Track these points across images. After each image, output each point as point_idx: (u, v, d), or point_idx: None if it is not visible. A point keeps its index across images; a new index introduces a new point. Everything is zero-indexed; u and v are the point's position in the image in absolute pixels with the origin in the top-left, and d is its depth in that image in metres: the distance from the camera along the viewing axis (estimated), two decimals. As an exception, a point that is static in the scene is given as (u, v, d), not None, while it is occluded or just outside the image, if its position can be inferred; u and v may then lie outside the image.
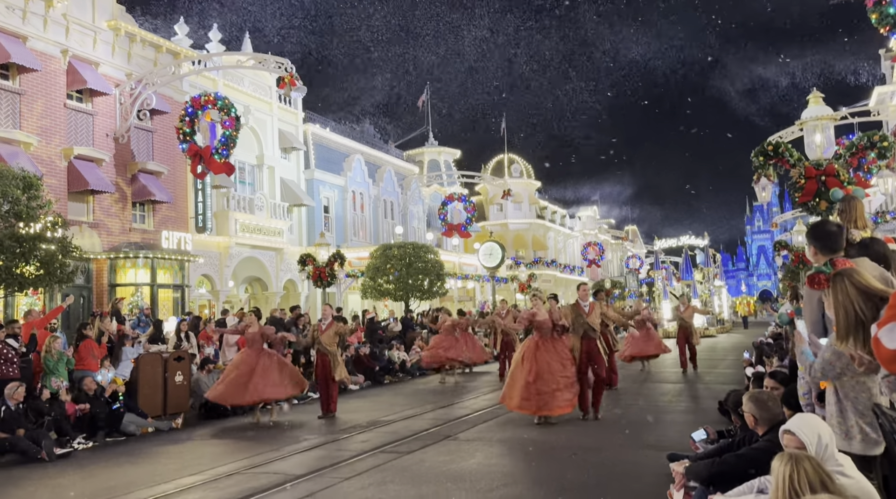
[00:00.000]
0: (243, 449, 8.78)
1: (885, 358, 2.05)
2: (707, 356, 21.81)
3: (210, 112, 16.95)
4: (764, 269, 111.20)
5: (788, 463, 2.69)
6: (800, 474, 2.65)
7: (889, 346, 1.99)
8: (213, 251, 21.44)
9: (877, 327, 2.09)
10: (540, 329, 9.55)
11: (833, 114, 10.72)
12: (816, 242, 4.09)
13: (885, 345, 2.01)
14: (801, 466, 2.67)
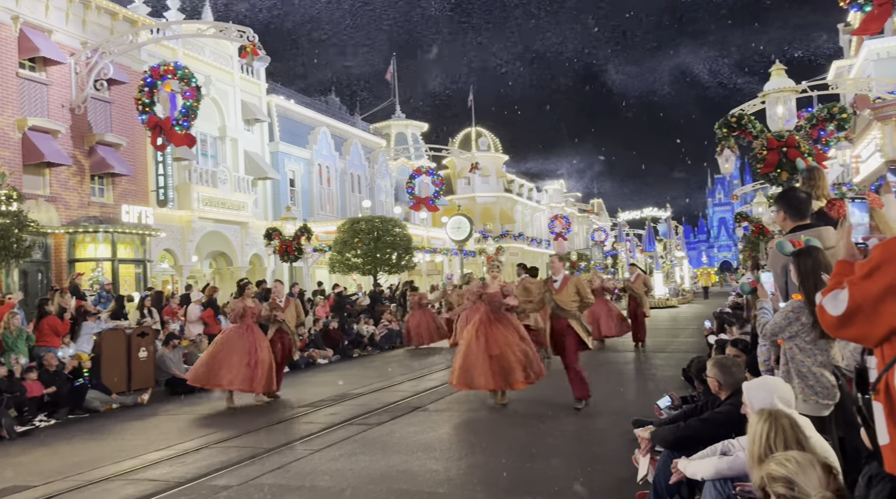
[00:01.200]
0: (211, 424, 8.72)
1: (828, 324, 2.11)
2: (669, 326, 22.27)
3: (170, 82, 16.49)
4: (724, 240, 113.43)
5: (767, 420, 2.75)
6: (776, 431, 2.71)
7: (832, 313, 2.05)
8: (175, 225, 21.04)
9: (821, 295, 2.15)
10: (490, 303, 8.87)
11: (795, 86, 10.89)
12: (787, 208, 4.19)
13: (828, 312, 2.07)
14: (779, 423, 2.73)
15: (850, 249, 2.18)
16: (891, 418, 1.95)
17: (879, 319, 1.94)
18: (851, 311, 1.98)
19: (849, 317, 1.99)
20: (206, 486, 5.85)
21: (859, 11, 11.09)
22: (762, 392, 3.16)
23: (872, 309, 1.94)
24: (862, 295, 1.96)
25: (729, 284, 43.70)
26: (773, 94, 9.96)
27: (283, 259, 20.78)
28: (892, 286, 1.90)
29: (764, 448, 2.70)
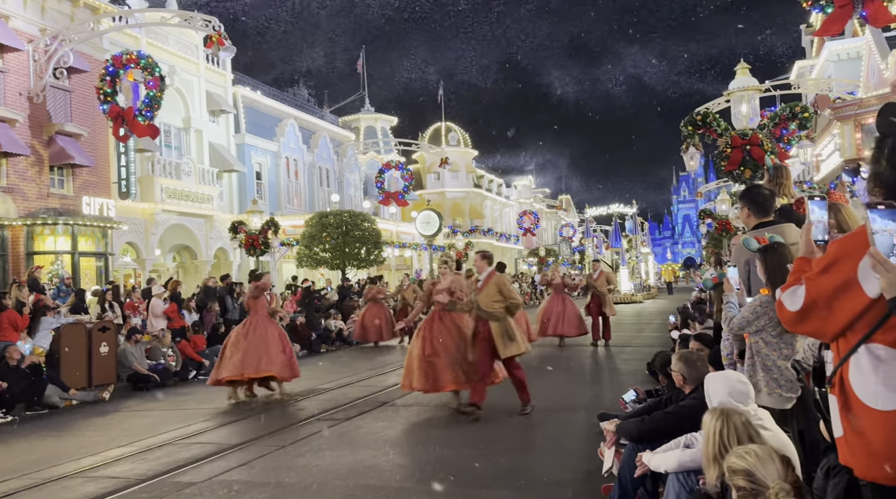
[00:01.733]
0: (174, 420, 8.58)
1: (786, 320, 2.16)
2: (635, 321, 22.58)
3: (132, 71, 16.13)
4: (688, 237, 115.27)
5: (719, 418, 2.82)
6: (729, 428, 2.78)
7: (790, 308, 2.09)
8: (137, 218, 20.62)
9: (780, 291, 2.20)
10: (438, 302, 8.41)
11: (759, 85, 11.10)
12: (752, 205, 4.26)
13: (786, 307, 2.12)
14: (731, 421, 2.80)
15: (810, 246, 2.23)
16: (844, 411, 2.00)
17: (834, 315, 1.98)
18: (808, 306, 2.02)
19: (805, 312, 2.03)
20: (168, 483, 5.75)
21: (821, 13, 11.34)
22: (718, 385, 3.24)
23: (827, 305, 1.98)
24: (817, 290, 2.00)
25: (693, 279, 44.47)
26: (737, 93, 10.15)
27: (249, 253, 20.50)
28: (847, 282, 1.94)
29: (718, 446, 2.77)
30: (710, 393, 3.24)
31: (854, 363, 1.97)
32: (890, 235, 1.52)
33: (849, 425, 1.98)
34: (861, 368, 1.95)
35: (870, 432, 1.91)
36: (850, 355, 1.97)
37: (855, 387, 1.96)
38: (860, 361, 1.95)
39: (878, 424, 1.89)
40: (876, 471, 1.91)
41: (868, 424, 1.92)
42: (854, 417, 1.96)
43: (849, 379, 1.98)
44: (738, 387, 3.18)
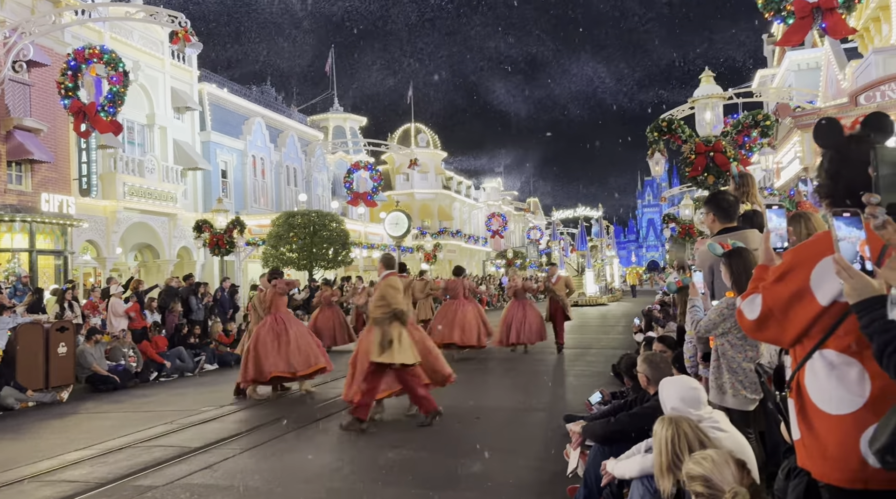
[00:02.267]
0: (136, 422, 8.41)
1: (746, 328, 2.22)
2: (600, 323, 22.83)
3: (95, 66, 15.75)
4: (652, 240, 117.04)
5: (669, 427, 2.87)
6: (680, 436, 2.83)
7: (749, 316, 2.15)
8: (98, 216, 20.17)
9: (740, 299, 2.26)
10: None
11: (722, 93, 11.34)
12: (717, 210, 4.35)
13: (745, 315, 2.17)
14: (681, 428, 2.85)
15: (768, 253, 2.29)
16: (801, 414, 2.06)
17: (789, 323, 2.04)
18: (765, 314, 2.08)
19: (763, 320, 2.09)
20: (129, 486, 5.63)
21: (782, 24, 11.62)
22: (670, 390, 3.30)
23: (783, 313, 2.04)
24: (773, 299, 2.06)
25: (657, 283, 45.07)
26: (701, 100, 10.36)
27: (214, 253, 20.20)
28: (800, 291, 2.00)
29: (671, 456, 2.82)
30: (663, 398, 3.30)
31: (809, 369, 2.03)
32: (853, 243, 1.57)
33: (805, 428, 2.03)
34: (816, 374, 2.01)
35: (824, 435, 1.97)
36: (805, 361, 2.03)
37: (810, 391, 2.02)
38: (815, 367, 2.01)
39: (832, 427, 1.95)
40: (831, 473, 1.96)
41: (823, 427, 1.98)
42: (810, 420, 2.02)
43: (805, 384, 2.04)
44: (690, 392, 3.24)
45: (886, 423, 1.48)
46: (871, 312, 1.56)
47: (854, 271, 1.57)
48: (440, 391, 9.56)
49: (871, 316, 1.55)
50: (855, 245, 1.56)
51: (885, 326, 1.51)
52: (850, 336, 1.93)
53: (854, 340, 1.93)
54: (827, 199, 2.07)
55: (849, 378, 1.94)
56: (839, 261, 1.58)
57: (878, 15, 17.40)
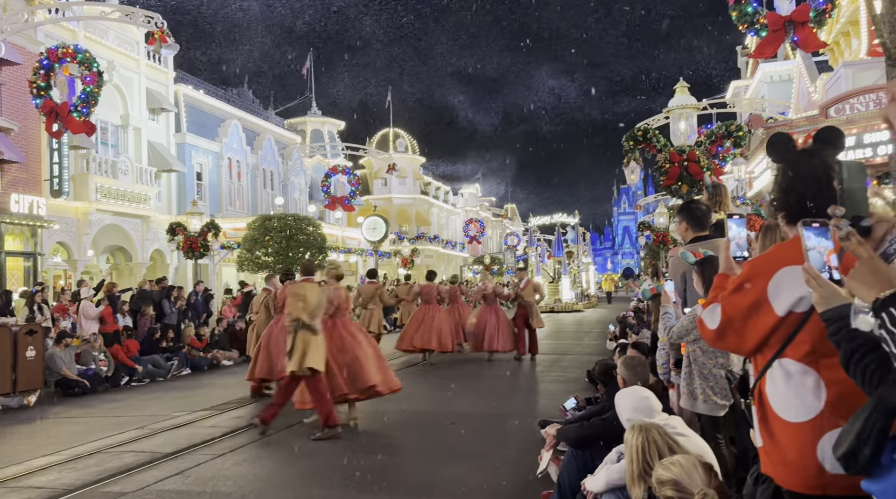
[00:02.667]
0: (106, 427, 8.27)
1: (707, 337, 2.26)
2: (575, 329, 22.98)
3: (69, 66, 15.51)
4: (628, 248, 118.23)
5: (639, 435, 2.92)
6: (650, 443, 2.88)
7: (710, 326, 2.19)
8: (70, 217, 19.85)
9: (702, 309, 2.30)
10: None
11: (696, 103, 11.51)
12: (689, 219, 4.43)
13: (707, 325, 2.21)
14: (650, 435, 2.90)
15: (729, 262, 2.34)
16: (762, 422, 2.10)
17: (748, 332, 2.08)
18: (724, 324, 2.12)
19: (723, 330, 2.13)
20: (98, 493, 5.54)
21: (755, 36, 11.84)
22: (624, 400, 3.37)
23: (742, 322, 2.09)
24: (732, 309, 2.10)
25: (633, 290, 45.54)
26: (676, 111, 10.51)
27: (188, 256, 19.98)
28: (758, 301, 2.04)
29: (642, 463, 2.87)
30: (619, 409, 3.37)
31: (769, 377, 2.07)
32: (821, 253, 1.61)
33: (767, 435, 2.08)
34: (775, 382, 2.05)
35: (784, 442, 2.01)
36: (765, 370, 2.08)
37: (770, 399, 2.06)
38: (774, 376, 2.05)
39: (791, 435, 1.99)
40: (791, 480, 2.00)
41: (782, 435, 2.02)
42: (770, 428, 2.06)
43: (766, 392, 2.08)
44: (643, 402, 3.31)
45: (850, 427, 1.52)
46: (838, 321, 1.60)
47: (823, 280, 1.61)
48: (416, 396, 9.57)
49: (838, 324, 1.59)
50: (823, 255, 1.60)
51: (852, 335, 1.55)
52: (806, 345, 1.99)
53: (810, 350, 1.98)
54: (780, 211, 2.14)
55: (806, 387, 1.98)
56: (808, 270, 1.62)
57: (848, 30, 17.81)
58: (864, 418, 1.48)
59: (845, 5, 15.56)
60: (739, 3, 10.93)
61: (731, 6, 10.77)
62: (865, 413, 1.48)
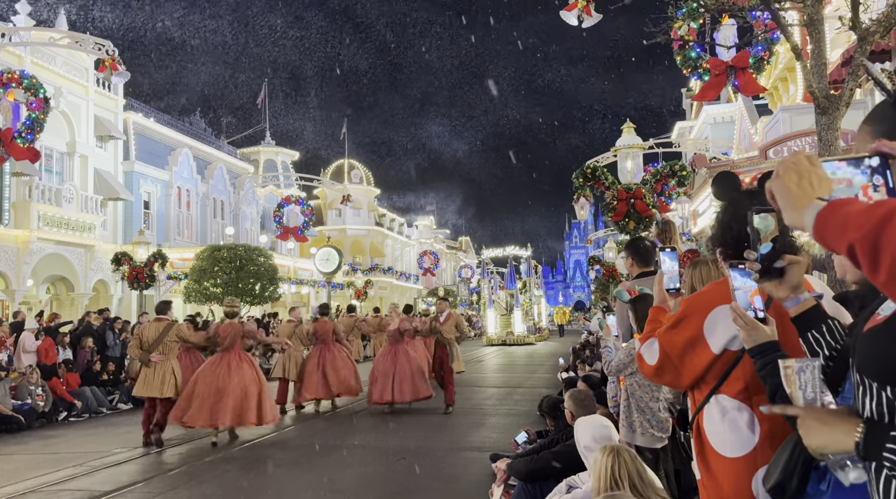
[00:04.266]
0: (42, 465, 7.92)
1: (646, 372, 2.31)
2: (527, 362, 23.09)
3: (14, 91, 15.13)
4: (579, 281, 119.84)
5: (609, 455, 2.96)
6: (620, 465, 2.92)
7: (649, 362, 2.24)
8: (9, 246, 19.15)
9: (639, 343, 2.35)
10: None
11: (642, 143, 11.92)
12: (635, 255, 4.57)
13: (645, 360, 2.27)
14: (621, 457, 2.95)
15: (661, 294, 2.43)
16: (700, 456, 2.17)
17: (685, 368, 2.16)
18: (662, 360, 2.19)
19: (661, 366, 2.20)
20: (31, 535, 5.29)
21: (699, 80, 12.36)
22: (584, 428, 3.43)
23: (679, 359, 2.16)
24: (669, 345, 2.18)
25: (584, 323, 46.00)
26: (623, 150, 10.86)
27: (133, 287, 19.45)
28: (694, 338, 2.13)
29: (609, 482, 2.91)
30: (577, 436, 3.42)
31: (706, 412, 2.14)
32: (747, 292, 1.70)
33: (704, 469, 2.14)
34: (711, 418, 2.12)
35: (720, 476, 2.07)
36: (703, 405, 2.15)
37: (708, 434, 2.12)
38: (711, 411, 2.12)
39: (727, 469, 2.06)
40: None
41: (719, 469, 2.08)
42: (708, 462, 2.13)
43: (703, 427, 2.14)
44: (602, 431, 3.38)
45: (777, 460, 1.60)
46: (763, 357, 1.69)
47: (748, 319, 1.70)
48: (366, 431, 9.45)
49: (763, 360, 1.68)
50: (748, 294, 1.69)
51: (776, 370, 1.64)
52: (741, 382, 2.07)
53: (744, 387, 2.06)
54: (718, 247, 2.23)
55: (741, 422, 2.05)
56: (735, 309, 1.71)
57: (786, 75, 18.75)
58: (789, 449, 1.55)
59: (783, 52, 16.40)
60: (684, 49, 11.43)
61: (675, 51, 11.25)
62: (791, 445, 1.55)
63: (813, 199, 1.22)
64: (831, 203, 1.19)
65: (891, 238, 1.04)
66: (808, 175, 1.26)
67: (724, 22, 11.68)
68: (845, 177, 1.25)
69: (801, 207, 1.24)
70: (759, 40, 11.01)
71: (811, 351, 1.60)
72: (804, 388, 1.42)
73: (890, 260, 1.04)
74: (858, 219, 1.10)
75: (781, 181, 1.29)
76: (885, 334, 1.30)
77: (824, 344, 1.58)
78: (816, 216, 1.19)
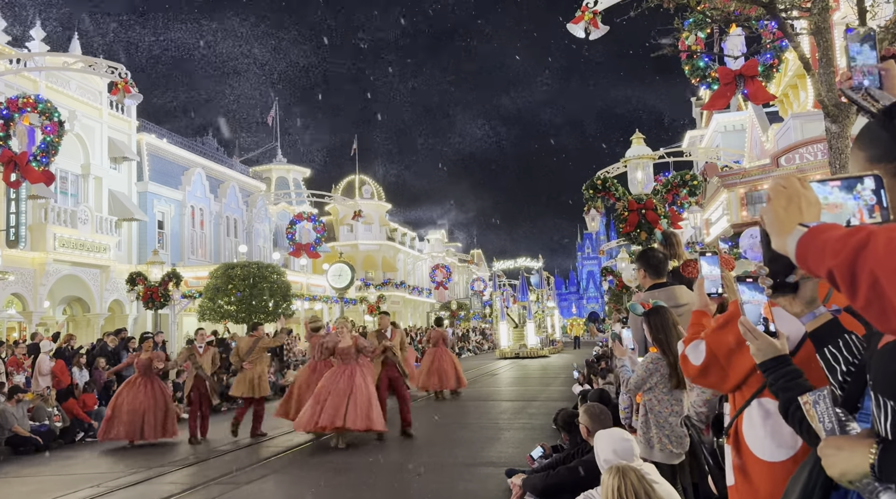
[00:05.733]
0: (59, 486, 7.96)
1: (690, 373, 2.32)
2: (541, 375, 22.97)
3: (29, 115, 15.37)
4: (592, 292, 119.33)
5: (616, 476, 2.95)
6: (626, 485, 2.91)
7: (694, 362, 2.25)
8: (26, 268, 19.37)
9: (683, 345, 2.36)
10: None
11: (652, 153, 11.92)
12: (647, 267, 4.55)
13: (691, 361, 2.27)
14: (628, 478, 2.93)
15: (703, 299, 2.42)
16: (736, 460, 2.15)
17: (731, 369, 2.15)
18: (709, 360, 2.19)
19: (706, 367, 2.20)
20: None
21: (708, 89, 12.35)
22: (604, 442, 3.40)
23: (726, 359, 2.16)
24: (717, 345, 2.17)
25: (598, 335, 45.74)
26: (633, 161, 10.85)
27: (147, 306, 19.60)
28: (741, 340, 2.11)
29: None
30: (597, 450, 3.39)
31: (747, 416, 2.12)
32: (757, 305, 1.69)
33: (740, 474, 2.12)
34: (752, 421, 2.10)
35: (757, 481, 2.05)
36: (744, 408, 2.13)
37: (747, 438, 2.11)
38: (752, 415, 2.11)
39: (765, 474, 2.04)
40: None
41: (756, 473, 2.06)
42: (745, 466, 2.11)
43: (742, 431, 2.13)
44: (623, 444, 3.35)
45: (796, 479, 1.57)
46: (774, 371, 1.67)
47: (758, 333, 1.69)
48: (382, 444, 9.42)
49: (775, 374, 1.67)
50: (758, 308, 1.69)
51: (788, 385, 1.63)
52: None
53: None
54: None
55: (783, 427, 2.04)
56: (744, 323, 1.70)
57: (797, 82, 18.69)
58: (807, 470, 1.53)
59: (792, 60, 16.37)
60: (692, 59, 11.42)
61: (683, 61, 11.25)
62: (808, 467, 1.52)
63: (796, 224, 1.23)
64: (812, 229, 1.19)
65: (866, 265, 1.06)
66: (798, 199, 1.26)
67: (732, 31, 11.68)
68: (837, 202, 1.25)
69: (784, 233, 1.25)
70: (767, 48, 10.99)
71: (828, 367, 1.57)
72: (822, 419, 1.41)
73: (866, 286, 1.06)
74: (836, 245, 1.12)
75: (771, 205, 1.29)
76: None
77: (841, 360, 1.55)
78: (798, 242, 1.20)
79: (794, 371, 1.66)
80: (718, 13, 8.17)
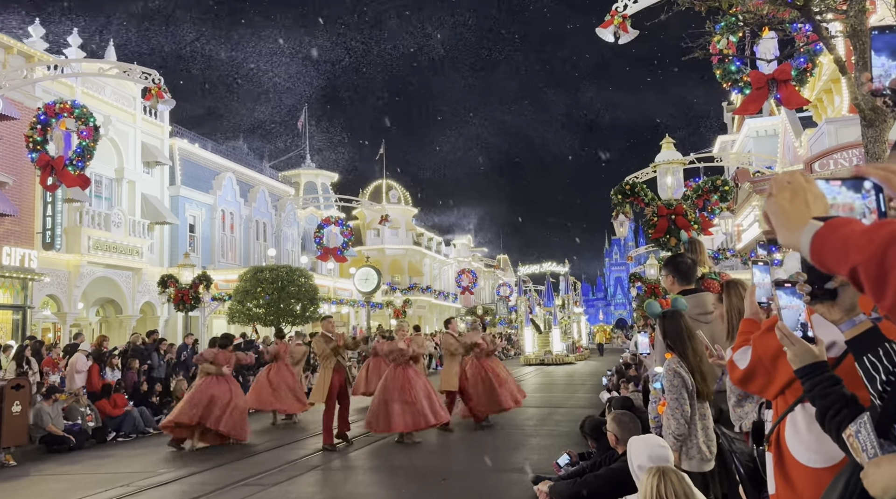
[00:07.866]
0: (90, 485, 8.10)
1: (736, 378, 2.30)
2: (567, 382, 22.81)
3: (65, 121, 15.73)
4: (620, 298, 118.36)
5: (656, 475, 2.92)
6: (667, 484, 2.87)
7: (740, 366, 2.24)
8: (61, 270, 19.81)
9: (731, 351, 2.34)
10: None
11: (682, 159, 11.74)
12: (675, 273, 4.50)
13: (737, 365, 2.26)
14: (668, 478, 2.90)
15: (753, 307, 2.39)
16: (778, 467, 2.10)
17: (777, 373, 2.11)
18: (754, 364, 2.16)
19: (751, 371, 2.17)
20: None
21: (740, 93, 12.18)
22: (639, 448, 3.36)
23: (772, 363, 2.12)
24: (763, 349, 2.14)
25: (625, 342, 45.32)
26: (662, 166, 10.70)
27: (178, 308, 19.89)
28: None
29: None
30: (631, 456, 3.35)
31: (790, 421, 2.08)
32: (795, 311, 1.66)
33: (782, 481, 2.07)
34: (796, 427, 2.06)
35: (801, 488, 2.00)
36: (787, 414, 2.09)
37: (790, 444, 2.06)
38: (796, 420, 2.06)
39: (809, 480, 1.99)
40: None
41: (799, 480, 2.01)
42: (787, 473, 2.06)
43: (785, 437, 2.08)
44: (658, 450, 3.30)
45: (832, 489, 1.54)
46: (812, 378, 1.64)
47: (795, 338, 1.66)
48: (406, 451, 9.43)
49: (812, 381, 1.64)
50: (796, 313, 1.65)
51: (825, 392, 1.59)
52: None
53: None
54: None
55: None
56: (782, 328, 1.67)
57: (831, 87, 18.34)
58: (843, 480, 1.49)
59: (826, 64, 16.08)
60: (723, 63, 11.26)
61: (714, 65, 11.10)
62: (845, 476, 1.49)
63: (808, 218, 1.17)
64: (829, 223, 1.13)
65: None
66: (803, 193, 1.21)
67: (765, 34, 11.50)
68: (846, 202, 1.21)
69: (795, 227, 1.19)
70: (801, 52, 10.81)
71: (867, 376, 1.53)
72: (865, 448, 1.37)
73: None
74: (860, 241, 1.05)
75: (774, 200, 1.24)
76: None
77: (881, 369, 1.51)
78: (813, 237, 1.14)
79: (832, 378, 1.62)
80: (751, 16, 8.05)
